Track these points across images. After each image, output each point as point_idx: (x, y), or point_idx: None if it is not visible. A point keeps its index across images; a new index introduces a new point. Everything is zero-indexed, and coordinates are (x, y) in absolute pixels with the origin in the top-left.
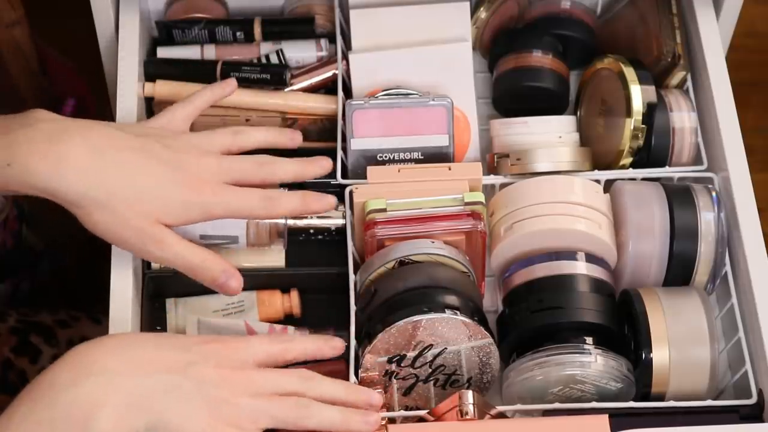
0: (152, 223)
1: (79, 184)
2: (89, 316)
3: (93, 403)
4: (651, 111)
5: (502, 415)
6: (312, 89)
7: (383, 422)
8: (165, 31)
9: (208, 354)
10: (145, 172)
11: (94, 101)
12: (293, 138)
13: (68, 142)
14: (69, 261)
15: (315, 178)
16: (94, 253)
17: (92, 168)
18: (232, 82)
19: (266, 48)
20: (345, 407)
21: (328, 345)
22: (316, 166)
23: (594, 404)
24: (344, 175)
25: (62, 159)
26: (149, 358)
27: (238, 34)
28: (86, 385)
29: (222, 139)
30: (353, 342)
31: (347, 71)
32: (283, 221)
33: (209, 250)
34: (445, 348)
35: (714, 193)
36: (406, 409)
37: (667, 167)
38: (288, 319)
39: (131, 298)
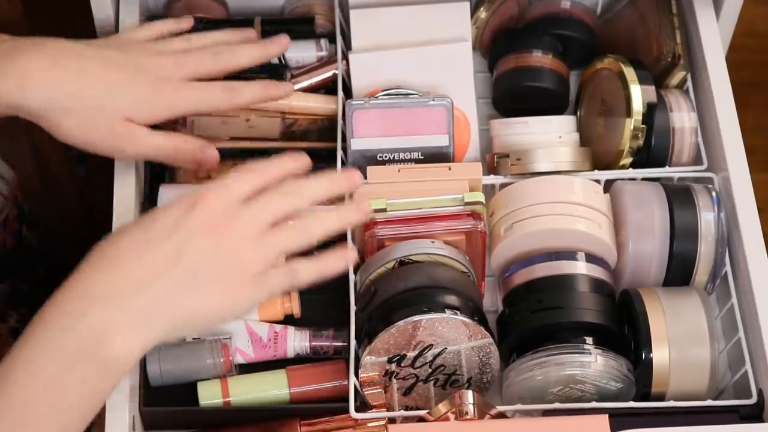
0: (120, 121)
1: (42, 94)
2: None
3: (102, 332)
4: (651, 111)
5: (502, 415)
6: (312, 89)
7: (383, 422)
8: None
9: (196, 224)
10: (106, 76)
11: None
12: (247, 35)
13: (26, 56)
14: (69, 261)
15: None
16: None
17: (53, 77)
18: (189, 18)
19: None
20: (339, 207)
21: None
22: (275, 45)
23: (594, 404)
24: None
25: (22, 73)
26: (141, 266)
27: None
28: (90, 317)
29: (177, 44)
30: (353, 342)
31: (347, 71)
32: None
33: (177, 133)
34: (445, 348)
35: (714, 193)
36: (406, 409)
37: (667, 167)
38: (288, 320)
39: None
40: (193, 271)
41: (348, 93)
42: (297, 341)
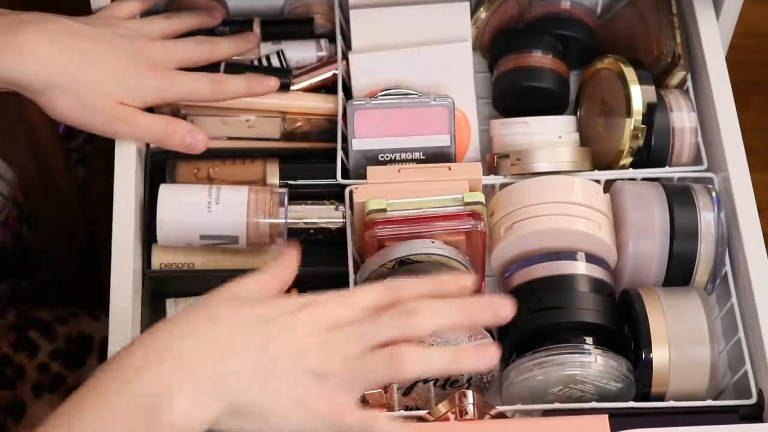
0: (115, 103)
1: (41, 72)
2: (88, 313)
3: (165, 390)
4: (651, 111)
5: (502, 415)
6: (312, 89)
7: None
8: None
9: (306, 321)
10: (103, 59)
11: None
12: (214, 16)
13: (26, 32)
14: (69, 261)
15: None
16: (94, 253)
17: (52, 55)
18: None
19: (266, 48)
20: (454, 348)
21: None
22: (248, 42)
23: (594, 404)
24: (344, 175)
25: (22, 48)
26: (226, 338)
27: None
28: (157, 372)
29: (160, 25)
30: None
31: (347, 71)
32: (283, 221)
33: (168, 115)
34: None
35: (714, 193)
36: (406, 409)
37: (667, 167)
38: None
39: (131, 298)
40: (276, 363)
41: (348, 93)
42: None
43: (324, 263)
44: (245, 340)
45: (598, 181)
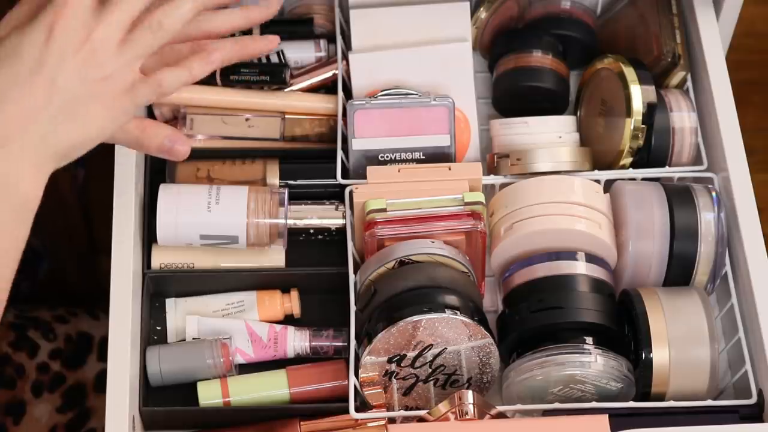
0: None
1: None
2: (88, 313)
3: (8, 177)
4: (651, 111)
5: (502, 415)
6: (312, 89)
7: (383, 422)
8: None
9: (60, 48)
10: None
11: None
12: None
13: None
14: (69, 261)
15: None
16: (94, 253)
17: None
18: None
19: None
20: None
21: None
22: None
23: (594, 404)
24: (344, 175)
25: None
26: (21, 107)
27: (236, 34)
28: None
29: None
30: (353, 342)
31: (347, 71)
32: (283, 221)
33: (149, 119)
34: (445, 348)
35: (714, 193)
36: (406, 409)
37: (667, 167)
38: (288, 319)
39: (131, 298)
40: (72, 97)
41: (348, 93)
42: (297, 341)
43: (324, 263)
44: (37, 100)
45: (598, 181)
